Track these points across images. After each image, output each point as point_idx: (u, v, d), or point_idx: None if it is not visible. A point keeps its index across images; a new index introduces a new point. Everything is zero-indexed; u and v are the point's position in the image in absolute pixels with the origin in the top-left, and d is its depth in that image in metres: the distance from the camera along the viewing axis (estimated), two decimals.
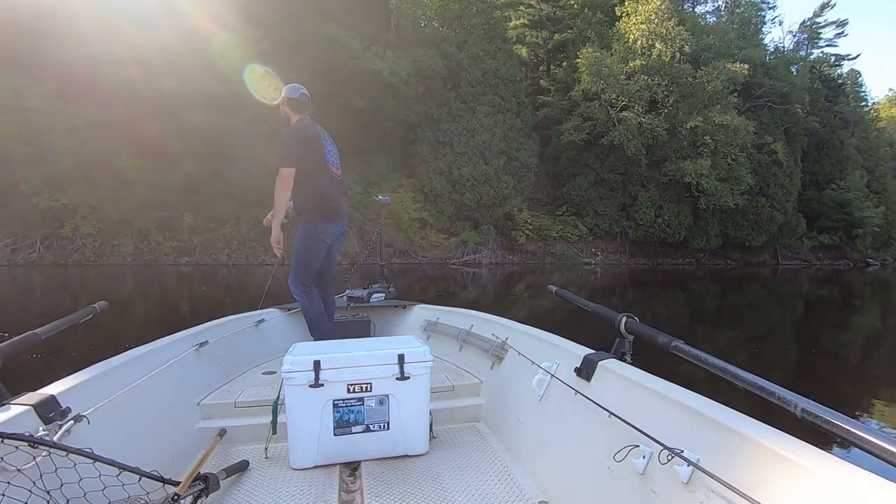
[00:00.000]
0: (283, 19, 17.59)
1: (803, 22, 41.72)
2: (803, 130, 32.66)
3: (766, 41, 36.31)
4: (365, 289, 3.78)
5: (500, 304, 10.81)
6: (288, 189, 2.78)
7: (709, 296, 16.22)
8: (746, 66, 27.68)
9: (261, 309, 3.32)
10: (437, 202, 23.02)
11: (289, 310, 3.45)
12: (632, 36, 27.64)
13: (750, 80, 28.74)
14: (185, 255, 17.65)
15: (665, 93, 26.86)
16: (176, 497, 1.29)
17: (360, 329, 3.36)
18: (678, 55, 27.08)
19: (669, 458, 1.12)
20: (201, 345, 2.41)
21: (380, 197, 4.05)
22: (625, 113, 26.45)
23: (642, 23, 27.42)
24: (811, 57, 39.64)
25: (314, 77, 19.25)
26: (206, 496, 1.47)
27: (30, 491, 1.11)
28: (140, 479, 1.24)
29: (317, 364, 1.83)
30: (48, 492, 1.14)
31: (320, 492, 1.69)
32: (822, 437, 0.90)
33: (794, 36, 42.18)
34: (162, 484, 1.29)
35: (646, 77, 26.60)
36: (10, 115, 14.24)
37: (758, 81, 29.76)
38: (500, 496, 1.66)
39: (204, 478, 1.46)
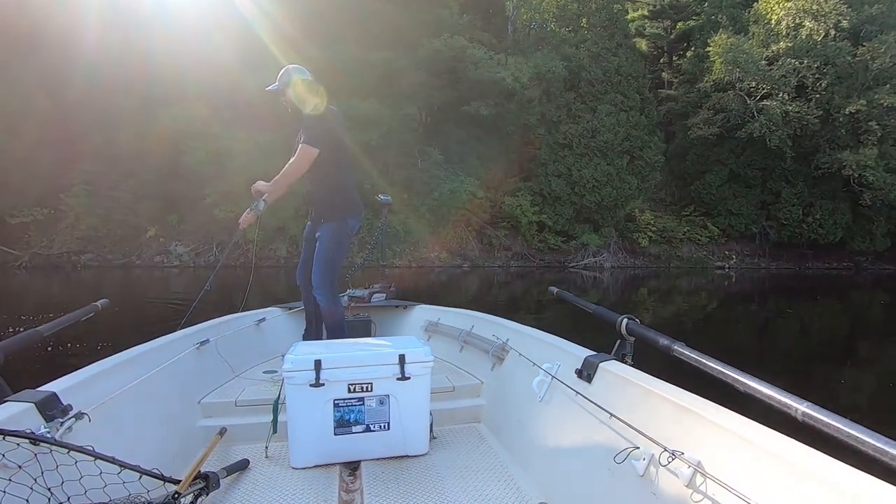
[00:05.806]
0: (417, 39, 18.85)
1: None
2: None
3: None
4: (366, 288, 3.74)
5: (623, 308, 10.55)
6: (305, 169, 2.60)
7: (874, 305, 14.18)
8: None
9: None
10: (556, 205, 22.87)
11: (290, 309, 3.42)
12: (775, 16, 24.93)
13: None
14: None
15: (816, 76, 23.87)
16: (176, 495, 1.29)
17: (361, 329, 3.32)
18: (833, 32, 23.90)
19: (670, 459, 1.12)
20: (202, 343, 2.40)
21: (380, 196, 3.88)
22: (766, 102, 23.98)
23: (788, 0, 24.63)
24: None
25: (442, 89, 20.36)
26: (207, 495, 1.47)
27: (31, 488, 1.11)
28: (141, 477, 1.24)
29: (318, 363, 1.82)
30: (49, 489, 1.14)
31: (320, 491, 1.69)
32: (822, 440, 0.89)
33: None
34: (162, 482, 1.30)
35: (792, 60, 23.84)
36: (199, 140, 17.34)
37: None
38: (500, 497, 1.66)
39: (204, 476, 1.46)
